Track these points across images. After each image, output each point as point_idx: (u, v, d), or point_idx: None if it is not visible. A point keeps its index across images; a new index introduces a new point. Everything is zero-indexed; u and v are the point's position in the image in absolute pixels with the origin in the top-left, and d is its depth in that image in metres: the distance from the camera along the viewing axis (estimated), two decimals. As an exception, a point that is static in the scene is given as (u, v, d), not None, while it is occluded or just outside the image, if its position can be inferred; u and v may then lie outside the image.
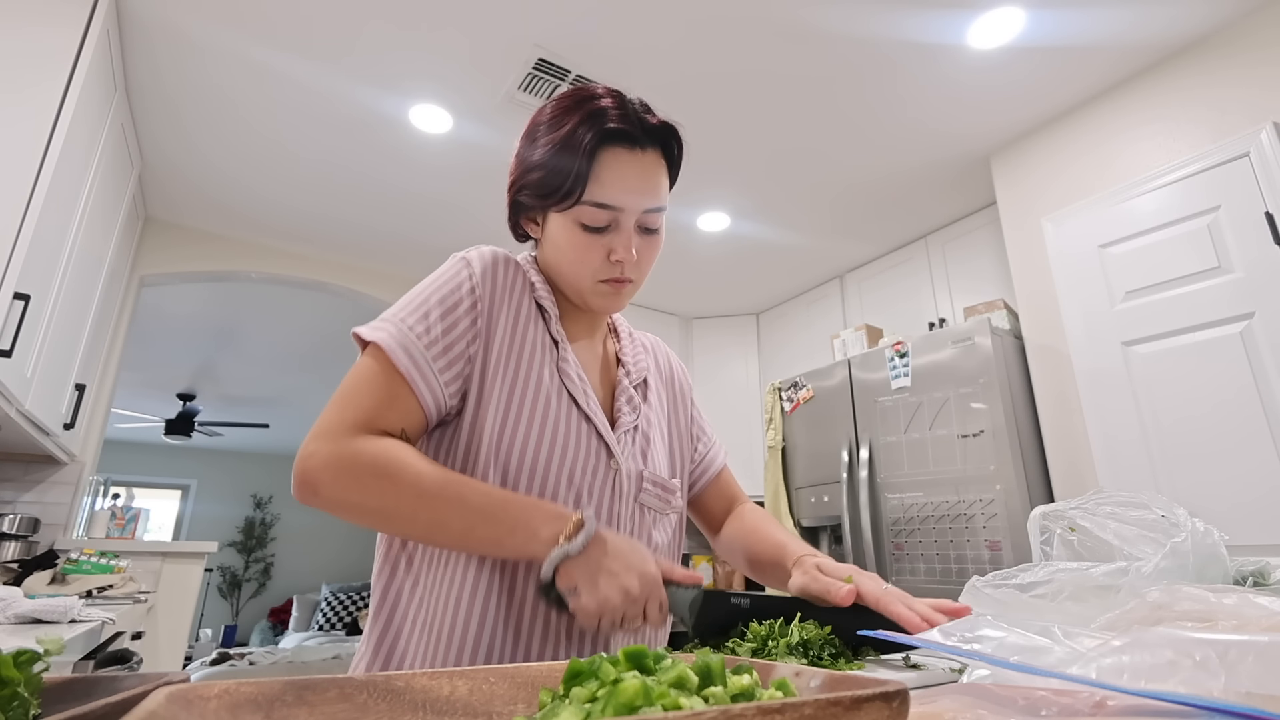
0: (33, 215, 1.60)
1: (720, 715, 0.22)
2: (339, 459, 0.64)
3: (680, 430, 0.92)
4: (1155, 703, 0.31)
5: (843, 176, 2.89)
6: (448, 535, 0.65)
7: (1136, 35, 2.13)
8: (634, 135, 0.73)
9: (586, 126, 0.72)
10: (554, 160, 0.73)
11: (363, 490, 0.64)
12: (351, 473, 0.64)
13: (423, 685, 0.34)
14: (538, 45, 2.16)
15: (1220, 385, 1.91)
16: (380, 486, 0.64)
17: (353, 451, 0.65)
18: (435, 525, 0.65)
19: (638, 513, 0.78)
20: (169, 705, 0.26)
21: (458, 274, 0.75)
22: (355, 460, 0.64)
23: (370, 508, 0.65)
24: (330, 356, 5.22)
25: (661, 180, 0.76)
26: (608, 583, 0.62)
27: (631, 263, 0.75)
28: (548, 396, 0.74)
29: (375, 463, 0.64)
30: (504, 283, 0.77)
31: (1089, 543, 0.74)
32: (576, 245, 0.74)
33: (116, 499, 3.18)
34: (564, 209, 0.73)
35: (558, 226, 0.75)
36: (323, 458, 0.64)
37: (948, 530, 2.37)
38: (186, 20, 2.06)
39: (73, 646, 1.23)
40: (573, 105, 0.74)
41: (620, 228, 0.74)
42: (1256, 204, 1.91)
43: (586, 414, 0.76)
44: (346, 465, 0.64)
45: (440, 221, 3.25)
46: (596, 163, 0.71)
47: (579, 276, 0.76)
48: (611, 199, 0.72)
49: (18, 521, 2.38)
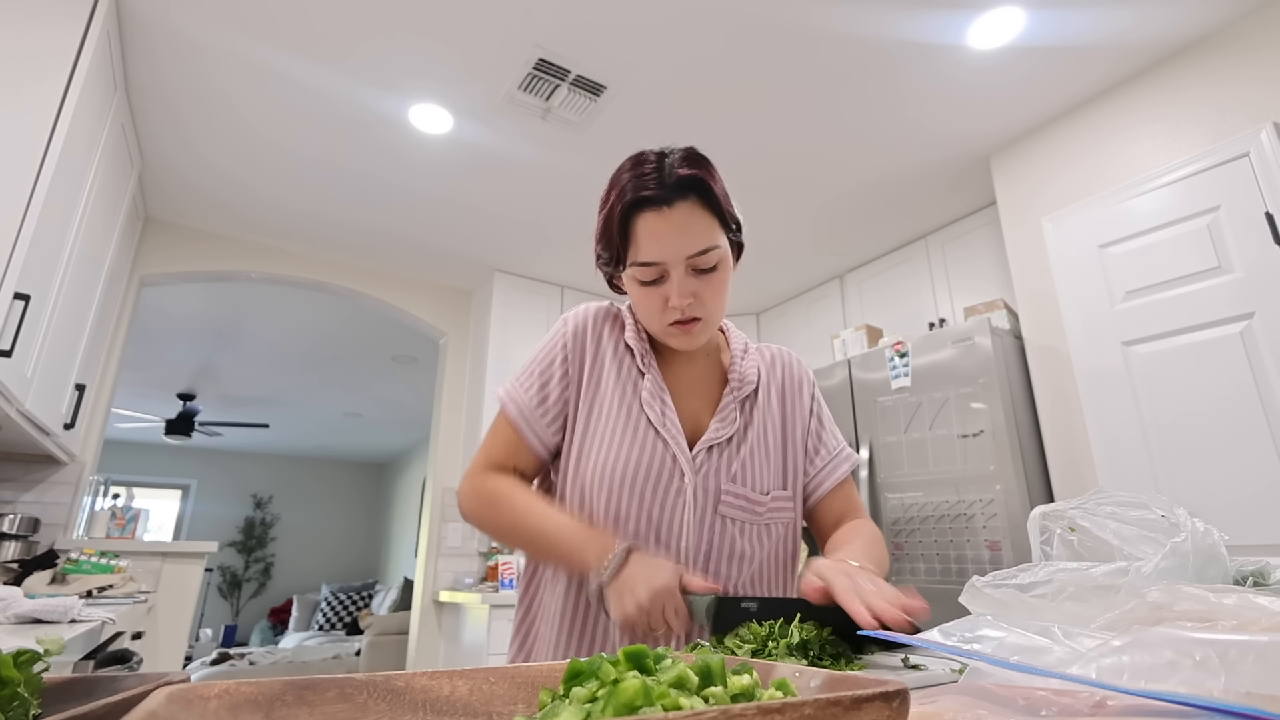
0: (33, 215, 1.60)
1: (720, 715, 0.22)
2: (469, 490, 0.89)
3: (795, 441, 0.96)
4: (1155, 703, 0.31)
5: (843, 176, 2.89)
6: (535, 554, 0.89)
7: (1136, 35, 2.13)
8: (659, 198, 0.80)
9: (617, 200, 0.83)
10: (603, 235, 0.86)
11: (482, 516, 0.88)
12: (476, 500, 0.88)
13: (423, 685, 0.34)
14: (538, 45, 2.16)
15: (1220, 385, 1.91)
16: (490, 515, 0.87)
17: (477, 485, 0.89)
18: (525, 546, 0.87)
19: (718, 523, 0.86)
20: (169, 705, 0.26)
21: (556, 334, 0.94)
22: (477, 492, 0.89)
23: (489, 529, 0.88)
24: (330, 356, 5.23)
25: (699, 225, 0.82)
26: (624, 598, 0.74)
27: (689, 304, 0.83)
28: (623, 421, 0.88)
29: (488, 495, 0.88)
30: (593, 333, 0.94)
31: (1089, 543, 0.73)
32: (639, 298, 0.87)
33: (116, 499, 3.18)
34: (623, 271, 0.86)
35: (628, 283, 0.88)
36: (463, 489, 0.90)
37: (948, 530, 2.37)
38: (186, 20, 2.06)
39: (73, 646, 1.23)
40: (614, 181, 0.85)
41: (670, 278, 0.83)
42: (1256, 204, 1.91)
43: (659, 432, 0.88)
44: (472, 495, 0.89)
45: (440, 221, 3.25)
46: (632, 230, 0.82)
47: (650, 323, 0.88)
48: (650, 256, 0.82)
49: (18, 521, 2.38)
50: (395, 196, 3.04)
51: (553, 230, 3.29)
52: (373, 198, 3.06)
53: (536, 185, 2.92)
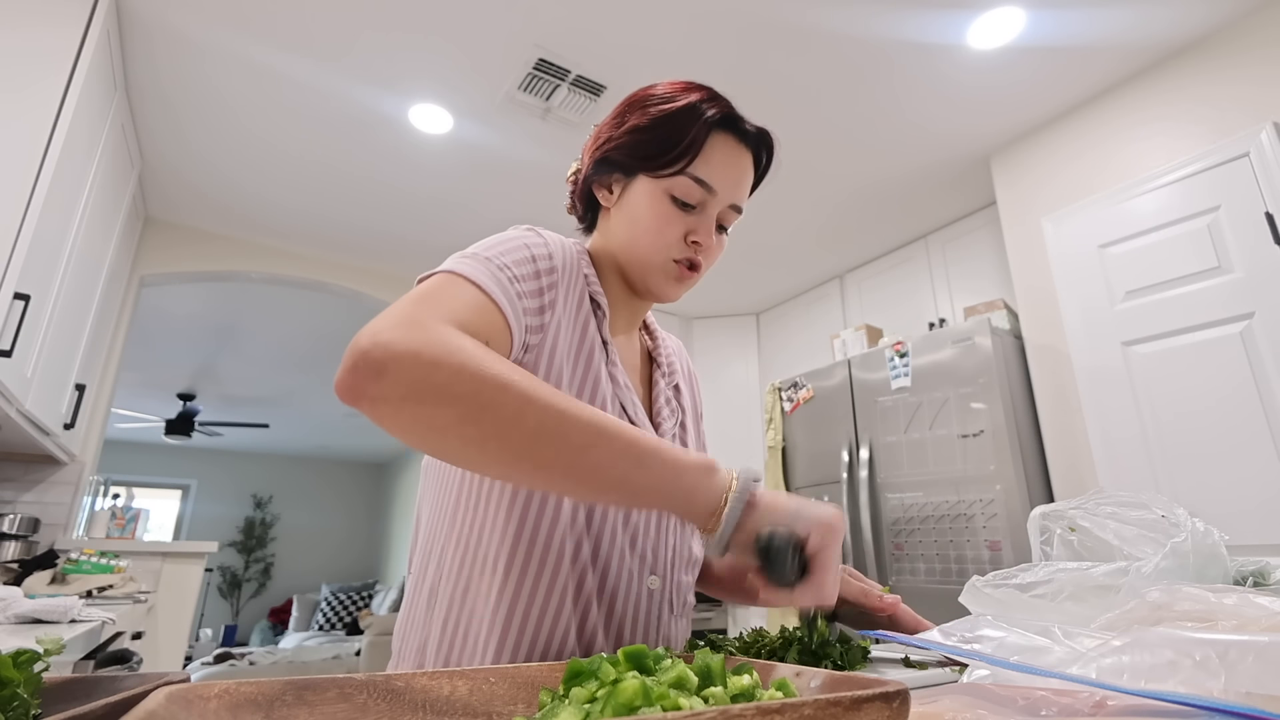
0: (33, 215, 1.60)
1: (720, 715, 0.22)
2: (428, 341, 0.49)
3: (700, 436, 0.90)
4: (1155, 703, 0.31)
5: (842, 176, 2.89)
6: (558, 448, 0.51)
7: (1136, 35, 2.12)
8: (746, 130, 0.74)
9: (710, 104, 0.72)
10: (668, 125, 0.71)
11: (455, 375, 0.49)
12: (443, 352, 0.49)
13: (423, 685, 0.34)
14: (537, 45, 2.16)
15: (1220, 385, 1.91)
16: (478, 374, 0.49)
17: (445, 339, 0.51)
18: (547, 433, 0.50)
19: (679, 526, 0.75)
20: (169, 705, 0.26)
21: (528, 239, 0.69)
22: (448, 343, 0.50)
23: (459, 394, 0.49)
24: (330, 356, 5.22)
25: (748, 180, 0.76)
26: (808, 511, 0.55)
27: (705, 250, 0.74)
28: (602, 402, 0.70)
29: (476, 349, 0.51)
30: (571, 266, 0.72)
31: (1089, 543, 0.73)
32: (660, 215, 0.72)
33: (116, 499, 3.18)
34: (663, 175, 0.71)
35: (644, 193, 0.72)
36: (406, 341, 0.49)
37: (948, 530, 2.37)
38: (186, 20, 2.06)
39: (73, 646, 1.23)
40: (693, 87, 0.74)
41: (706, 212, 0.73)
42: (1256, 204, 1.91)
43: (634, 421, 0.72)
44: (437, 346, 0.49)
45: (440, 221, 3.25)
46: (708, 141, 0.71)
47: (653, 249, 0.72)
48: (712, 179, 0.71)
49: (18, 521, 2.38)
50: (395, 196, 3.04)
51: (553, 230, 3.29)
52: (373, 198, 3.06)
53: (536, 185, 2.92)
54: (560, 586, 0.64)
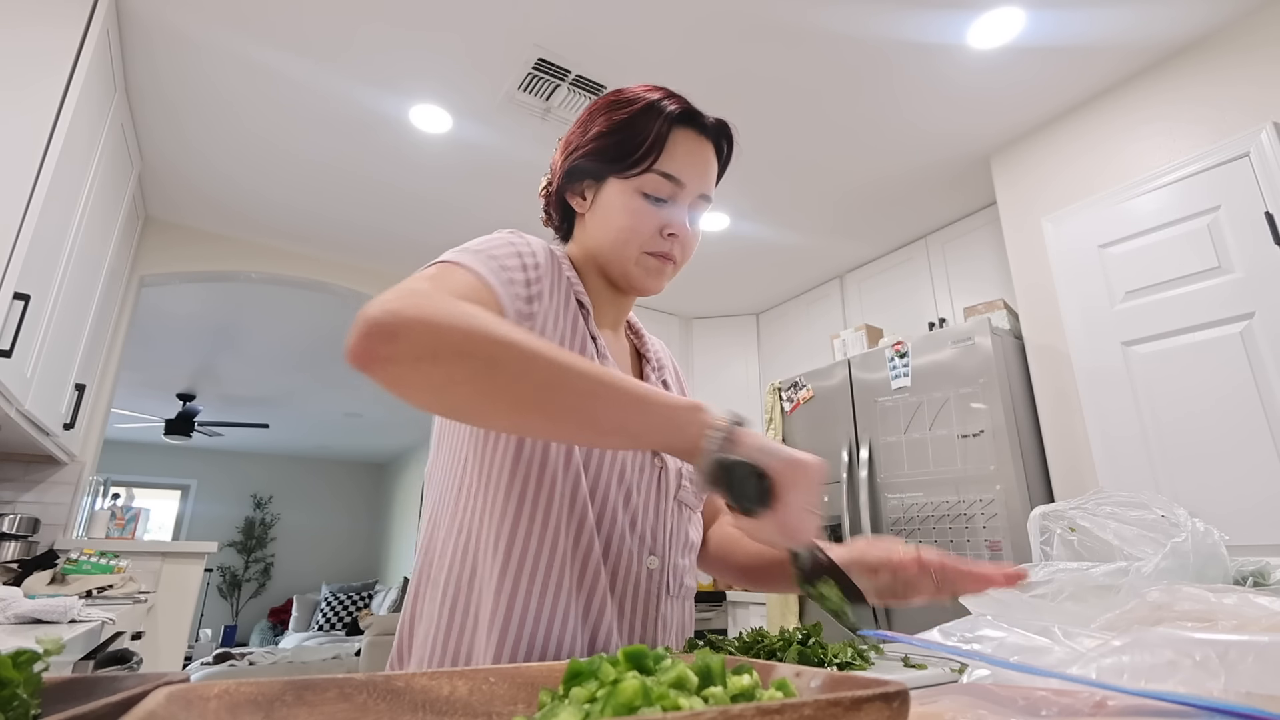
0: (33, 215, 1.60)
1: (719, 715, 0.22)
2: (437, 307, 0.52)
3: None
4: (1155, 703, 0.31)
5: (842, 176, 2.89)
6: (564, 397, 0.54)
7: (1136, 35, 2.12)
8: (703, 124, 0.78)
9: (668, 102, 0.76)
10: (629, 128, 0.75)
11: (466, 335, 0.52)
12: (452, 315, 0.52)
13: (423, 685, 0.34)
14: (537, 45, 2.16)
15: (1220, 385, 1.91)
16: (487, 333, 0.52)
17: (452, 302, 0.54)
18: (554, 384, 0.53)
19: (677, 510, 0.78)
20: (169, 705, 0.26)
21: (512, 239, 0.72)
22: (454, 307, 0.53)
23: (469, 352, 0.52)
24: (330, 356, 5.22)
25: (715, 172, 0.80)
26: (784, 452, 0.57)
27: (681, 240, 0.77)
28: None
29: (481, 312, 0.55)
30: (553, 268, 0.75)
31: (1089, 543, 0.74)
32: (633, 211, 0.75)
33: (116, 499, 3.18)
34: (632, 174, 0.75)
35: (616, 194, 0.76)
36: (416, 308, 0.51)
37: (948, 530, 2.37)
38: (186, 20, 2.06)
39: (73, 646, 1.23)
40: (648, 90, 0.78)
41: (677, 204, 0.76)
42: (1256, 204, 1.91)
43: None
44: (445, 311, 0.52)
45: (440, 221, 3.25)
46: (670, 137, 0.75)
47: (628, 244, 0.76)
48: (678, 172, 0.75)
49: (18, 521, 2.38)
50: (395, 196, 3.04)
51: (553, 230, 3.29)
52: (373, 197, 3.05)
53: (536, 185, 2.91)
54: (560, 566, 0.66)
